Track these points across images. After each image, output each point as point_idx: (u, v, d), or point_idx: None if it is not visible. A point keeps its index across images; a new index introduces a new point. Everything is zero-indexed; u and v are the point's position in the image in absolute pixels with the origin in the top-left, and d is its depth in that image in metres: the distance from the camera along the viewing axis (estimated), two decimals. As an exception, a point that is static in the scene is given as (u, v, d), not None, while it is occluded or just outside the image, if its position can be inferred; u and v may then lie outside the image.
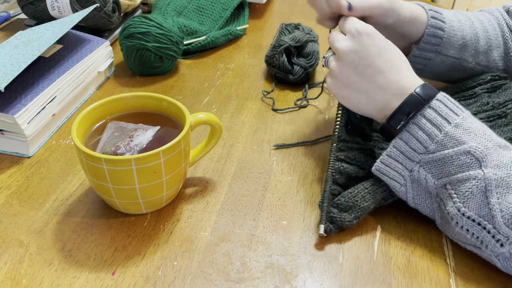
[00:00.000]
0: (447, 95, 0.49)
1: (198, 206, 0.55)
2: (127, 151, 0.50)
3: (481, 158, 0.45)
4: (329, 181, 0.53)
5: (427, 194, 0.49)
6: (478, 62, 0.68)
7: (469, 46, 0.66)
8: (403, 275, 0.47)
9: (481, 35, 0.67)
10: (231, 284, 0.46)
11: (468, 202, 0.45)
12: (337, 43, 0.53)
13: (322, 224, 0.50)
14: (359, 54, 0.51)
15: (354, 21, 0.54)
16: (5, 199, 0.55)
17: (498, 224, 0.44)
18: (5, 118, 0.59)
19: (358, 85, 0.52)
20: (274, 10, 1.11)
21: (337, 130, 0.56)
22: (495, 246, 0.45)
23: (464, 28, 0.66)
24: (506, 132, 0.58)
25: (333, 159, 0.54)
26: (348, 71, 0.52)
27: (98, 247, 0.49)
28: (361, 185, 0.52)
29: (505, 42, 0.68)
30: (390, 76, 0.51)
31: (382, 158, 0.51)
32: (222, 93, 0.77)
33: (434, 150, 0.47)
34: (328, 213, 0.50)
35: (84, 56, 0.72)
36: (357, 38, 0.52)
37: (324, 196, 0.52)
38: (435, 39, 0.64)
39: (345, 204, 0.51)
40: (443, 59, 0.66)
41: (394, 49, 0.53)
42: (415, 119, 0.48)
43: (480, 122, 0.49)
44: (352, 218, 0.50)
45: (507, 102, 0.61)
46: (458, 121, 0.47)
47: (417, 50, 0.65)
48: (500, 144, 0.47)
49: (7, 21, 0.98)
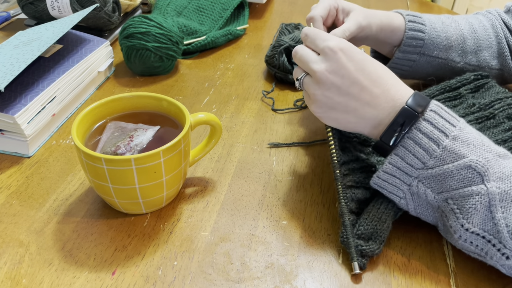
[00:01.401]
0: (439, 103, 0.47)
1: (198, 206, 0.55)
2: (128, 151, 0.50)
3: (482, 172, 0.44)
4: (346, 213, 0.49)
5: (428, 205, 0.48)
6: (468, 62, 0.69)
7: (455, 46, 0.68)
8: (403, 275, 0.47)
9: (468, 35, 0.68)
10: (231, 284, 0.46)
11: (472, 218, 0.44)
12: (312, 65, 0.49)
13: (355, 261, 0.46)
14: (339, 73, 0.48)
15: (325, 38, 0.50)
16: (5, 199, 0.55)
17: (505, 239, 0.43)
18: (5, 118, 0.59)
19: (345, 105, 0.49)
20: (274, 10, 1.11)
21: (334, 155, 0.52)
22: (500, 259, 0.44)
23: (448, 30, 0.68)
24: (497, 134, 0.57)
25: (341, 187, 0.51)
26: (332, 93, 0.49)
27: (98, 247, 0.49)
28: (372, 206, 0.50)
29: (499, 42, 0.69)
30: (376, 90, 0.48)
31: (378, 173, 0.48)
32: (222, 93, 0.77)
33: (433, 166, 0.45)
34: (356, 247, 0.47)
35: (84, 56, 0.72)
36: (332, 57, 0.48)
37: (346, 230, 0.48)
38: (416, 41, 0.66)
39: (366, 232, 0.48)
40: (428, 60, 0.68)
41: (373, 60, 0.50)
42: (411, 133, 0.46)
43: (476, 131, 0.47)
44: (378, 244, 0.48)
45: (493, 102, 0.61)
46: (455, 133, 0.45)
47: (400, 52, 0.68)
48: (500, 154, 0.45)
49: (7, 21, 0.98)
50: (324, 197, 0.56)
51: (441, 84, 0.65)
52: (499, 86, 0.65)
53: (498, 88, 0.64)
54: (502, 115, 0.59)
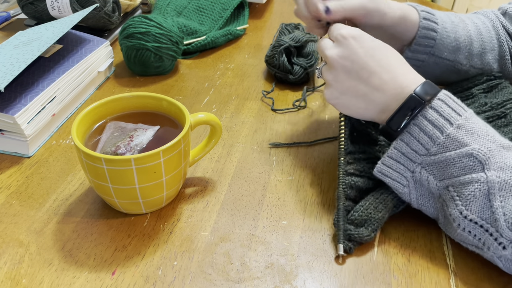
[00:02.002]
0: (450, 93, 0.48)
1: (198, 206, 0.55)
2: (128, 151, 0.50)
3: (483, 161, 0.45)
4: (342, 197, 0.51)
5: (430, 195, 0.49)
6: (473, 65, 0.67)
7: (463, 48, 0.66)
8: (403, 275, 0.47)
9: (475, 37, 0.67)
10: (231, 284, 0.46)
11: (471, 205, 0.45)
12: (326, 51, 0.53)
13: (341, 243, 0.48)
14: (349, 58, 0.51)
15: (339, 27, 0.53)
16: (5, 199, 0.55)
17: (501, 227, 0.43)
18: (5, 118, 0.59)
19: (355, 89, 0.51)
20: (274, 10, 1.11)
21: (342, 143, 0.54)
22: (497, 249, 0.44)
23: (457, 30, 0.66)
24: (507, 133, 0.57)
25: (342, 174, 0.52)
26: (342, 77, 0.52)
27: (98, 247, 0.49)
28: (371, 196, 0.51)
29: (500, 44, 0.68)
30: (385, 76, 0.50)
31: (383, 159, 0.50)
32: (222, 93, 0.77)
33: (435, 152, 0.47)
34: (345, 231, 0.49)
35: (84, 56, 0.72)
36: (344, 43, 0.51)
37: (338, 214, 0.50)
38: (428, 41, 0.64)
39: (360, 219, 0.49)
40: (437, 61, 0.66)
41: (385, 48, 0.52)
42: (416, 120, 0.47)
43: (483, 122, 0.48)
44: (370, 231, 0.49)
45: (505, 102, 0.61)
46: (460, 122, 0.46)
47: (409, 52, 0.65)
48: (504, 145, 0.46)
49: (7, 21, 0.98)
50: (324, 197, 0.56)
51: (453, 85, 0.66)
52: None
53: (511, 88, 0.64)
54: None
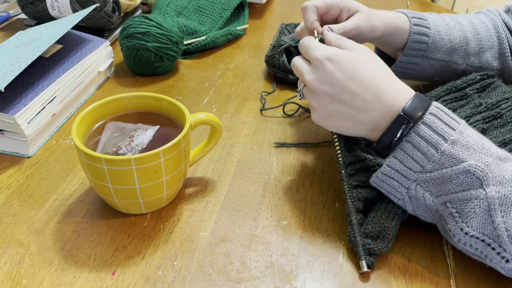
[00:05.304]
0: (440, 105, 0.47)
1: (198, 206, 0.55)
2: (129, 151, 0.50)
3: (481, 177, 0.43)
4: (352, 212, 0.50)
5: (426, 208, 0.48)
6: (470, 64, 0.69)
7: (458, 49, 0.67)
8: (403, 275, 0.47)
9: (471, 37, 0.68)
10: (231, 284, 0.46)
11: (471, 221, 0.44)
12: (305, 75, 0.50)
13: (363, 260, 0.47)
14: (329, 83, 0.48)
15: (313, 48, 0.50)
16: (5, 199, 0.55)
17: (504, 243, 0.42)
18: (5, 118, 0.59)
19: (340, 111, 0.49)
20: (274, 10, 1.11)
21: (340, 156, 0.53)
22: (500, 262, 0.43)
23: (452, 32, 0.67)
24: (504, 133, 0.57)
25: (348, 187, 0.51)
26: (325, 101, 0.49)
27: (98, 247, 0.49)
28: (379, 205, 0.51)
29: (500, 42, 0.69)
30: (368, 97, 0.48)
31: (377, 174, 0.49)
32: (222, 93, 0.77)
33: (431, 169, 0.45)
34: (363, 246, 0.47)
35: (84, 56, 0.72)
36: (321, 68, 0.49)
37: (353, 229, 0.49)
38: (420, 45, 0.66)
39: (374, 231, 0.49)
40: (431, 63, 0.68)
41: (366, 62, 0.49)
42: (409, 136, 0.46)
43: (478, 133, 0.46)
44: (387, 242, 0.48)
45: (500, 102, 0.61)
46: (454, 137, 0.44)
47: (403, 56, 0.67)
48: (501, 157, 0.45)
49: (7, 21, 0.98)
50: (324, 197, 0.56)
51: (447, 85, 0.66)
52: (505, 85, 0.64)
53: (505, 87, 0.64)
54: (509, 115, 0.59)
